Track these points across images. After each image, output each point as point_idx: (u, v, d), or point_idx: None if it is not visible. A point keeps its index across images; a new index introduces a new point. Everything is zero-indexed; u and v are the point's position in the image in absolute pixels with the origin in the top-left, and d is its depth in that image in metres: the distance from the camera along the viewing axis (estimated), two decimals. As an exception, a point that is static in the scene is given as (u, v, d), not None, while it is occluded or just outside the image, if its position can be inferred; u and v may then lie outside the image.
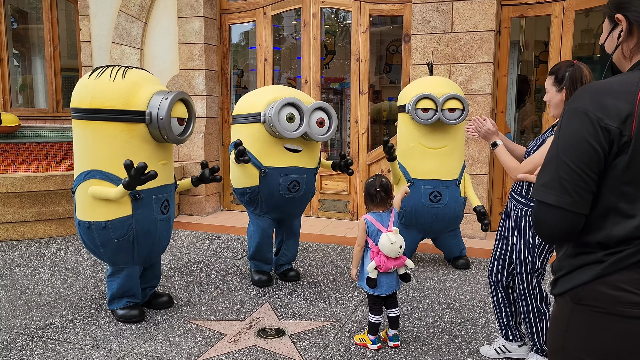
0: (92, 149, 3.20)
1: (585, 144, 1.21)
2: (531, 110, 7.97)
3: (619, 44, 1.32)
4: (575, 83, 2.51)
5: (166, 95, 3.17)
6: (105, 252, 3.33)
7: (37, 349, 3.05)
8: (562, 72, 2.56)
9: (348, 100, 8.33)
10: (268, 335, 3.25)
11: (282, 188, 3.88)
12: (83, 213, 3.29)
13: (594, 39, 7.78)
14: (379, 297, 3.03)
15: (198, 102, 6.59)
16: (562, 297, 1.33)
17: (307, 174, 3.97)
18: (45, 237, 5.49)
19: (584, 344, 1.27)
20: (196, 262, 4.72)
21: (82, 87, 3.22)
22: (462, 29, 5.43)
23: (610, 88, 1.22)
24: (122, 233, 3.25)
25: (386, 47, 8.84)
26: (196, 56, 6.51)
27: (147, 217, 3.32)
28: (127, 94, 3.14)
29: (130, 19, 6.69)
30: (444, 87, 4.26)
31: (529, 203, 2.65)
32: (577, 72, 2.52)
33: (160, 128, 3.17)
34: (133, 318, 3.40)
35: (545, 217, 1.27)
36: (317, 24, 6.29)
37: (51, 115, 7.49)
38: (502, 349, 2.94)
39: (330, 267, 4.61)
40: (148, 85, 3.23)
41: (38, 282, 4.17)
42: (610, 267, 1.22)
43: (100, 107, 3.12)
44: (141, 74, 3.28)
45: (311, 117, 3.81)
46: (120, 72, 3.18)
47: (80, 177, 3.25)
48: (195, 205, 6.68)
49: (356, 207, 6.41)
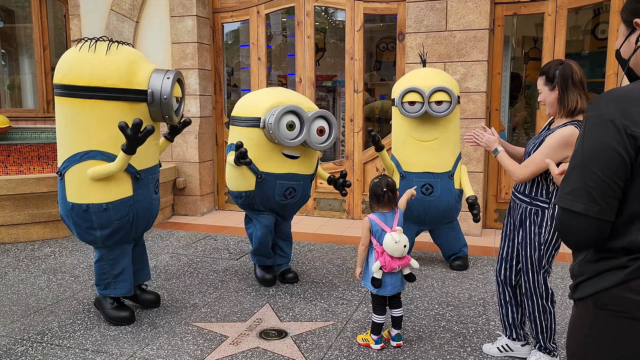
0: (91, 128, 3.05)
1: (612, 152, 1.21)
2: (521, 107, 8.03)
3: (637, 47, 1.33)
4: (566, 80, 2.54)
5: (167, 74, 3.10)
6: (100, 235, 3.23)
7: (37, 354, 3.01)
8: (553, 71, 2.59)
9: (341, 99, 8.34)
10: (270, 336, 3.24)
11: (278, 194, 3.87)
12: (78, 195, 3.15)
13: (583, 35, 7.85)
14: (383, 297, 3.04)
15: (192, 102, 6.55)
16: (583, 301, 1.33)
17: (303, 180, 3.96)
18: (38, 240, 5.43)
19: (606, 350, 1.27)
20: (193, 264, 4.70)
21: (74, 61, 3.02)
22: (457, 28, 5.45)
23: (634, 95, 1.22)
24: (124, 214, 3.21)
25: (376, 44, 8.83)
26: (189, 55, 6.47)
27: (145, 196, 3.30)
28: (127, 72, 3.03)
29: (121, 18, 6.62)
30: (432, 79, 4.19)
31: (532, 202, 2.66)
32: (567, 69, 2.55)
33: (162, 107, 3.10)
34: (124, 320, 3.36)
35: (573, 225, 1.27)
36: (310, 22, 6.27)
37: (42, 116, 7.40)
38: (504, 348, 2.95)
39: (329, 266, 4.61)
40: (143, 63, 3.15)
41: (34, 285, 4.13)
42: (635, 273, 1.22)
43: (101, 85, 2.98)
44: (132, 50, 3.18)
45: (312, 126, 3.76)
46: (114, 47, 3.05)
47: (74, 159, 3.10)
48: (190, 206, 6.64)
49: (352, 206, 6.41)
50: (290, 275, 4.17)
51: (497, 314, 3.54)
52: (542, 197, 2.63)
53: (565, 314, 3.56)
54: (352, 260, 4.78)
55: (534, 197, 2.66)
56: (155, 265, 4.62)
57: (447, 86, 4.14)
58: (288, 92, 3.99)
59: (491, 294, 3.90)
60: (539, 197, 2.65)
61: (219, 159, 6.92)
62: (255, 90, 4.16)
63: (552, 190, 2.62)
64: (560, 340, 3.11)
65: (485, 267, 4.52)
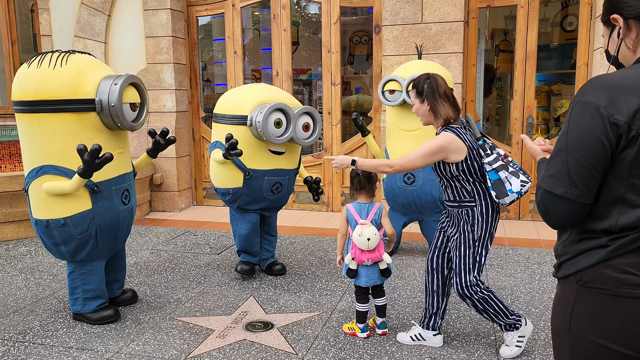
0: (41, 143, 3.02)
1: (595, 140, 1.26)
2: (493, 97, 8.18)
3: (620, 41, 1.38)
4: (434, 92, 2.70)
5: (115, 80, 3.03)
6: (67, 250, 3.19)
7: (20, 354, 2.96)
8: (422, 84, 2.74)
9: (316, 92, 8.35)
10: (256, 328, 3.25)
11: (266, 190, 3.90)
12: (39, 211, 3.14)
13: (551, 27, 8.02)
14: (364, 287, 3.08)
15: (167, 97, 6.47)
16: (566, 279, 1.39)
17: (289, 175, 4.01)
18: (13, 239, 5.31)
19: (589, 325, 1.33)
20: (174, 259, 4.67)
21: (23, 78, 3.02)
22: (432, 20, 5.51)
23: (622, 83, 1.27)
24: (84, 229, 3.14)
25: (349, 37, 8.86)
26: (164, 49, 6.38)
27: (108, 209, 3.20)
28: (72, 82, 2.98)
29: (92, 11, 6.49)
30: (416, 69, 4.24)
31: (460, 205, 2.74)
32: (433, 83, 2.71)
33: (112, 115, 3.04)
34: (109, 318, 3.30)
35: (553, 206, 1.34)
36: (287, 15, 6.25)
37: (11, 112, 7.20)
38: (417, 337, 3.01)
39: (311, 258, 4.63)
40: (94, 71, 3.09)
41: (12, 285, 4.04)
42: (615, 251, 1.29)
43: (45, 98, 2.95)
44: (85, 58, 3.12)
45: (297, 122, 3.83)
46: (61, 58, 3.01)
47: (31, 174, 3.09)
48: (168, 202, 6.57)
49: (331, 199, 6.44)
50: (277, 267, 4.18)
51: (478, 300, 3.63)
52: (466, 198, 2.72)
53: (544, 297, 3.66)
54: (334, 252, 4.82)
55: (460, 201, 2.74)
56: (136, 262, 4.58)
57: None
58: (271, 89, 4.02)
59: (471, 281, 3.99)
60: (463, 199, 2.73)
61: (196, 154, 6.86)
62: (238, 87, 4.16)
63: (471, 190, 2.70)
64: (541, 319, 3.21)
65: (465, 255, 4.61)
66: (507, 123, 6.79)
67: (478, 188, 2.70)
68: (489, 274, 4.15)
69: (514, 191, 2.57)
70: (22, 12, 7.80)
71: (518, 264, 4.37)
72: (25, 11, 7.79)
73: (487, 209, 2.70)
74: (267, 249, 4.22)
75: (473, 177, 2.69)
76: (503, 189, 2.59)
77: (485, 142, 2.69)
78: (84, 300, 3.30)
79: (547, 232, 5.33)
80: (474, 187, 2.69)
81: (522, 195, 2.61)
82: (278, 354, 2.92)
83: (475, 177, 2.69)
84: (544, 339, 3.06)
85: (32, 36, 7.79)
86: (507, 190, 2.58)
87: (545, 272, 4.17)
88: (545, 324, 3.24)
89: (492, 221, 2.72)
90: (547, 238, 5.14)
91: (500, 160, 2.62)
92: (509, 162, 2.63)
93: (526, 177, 2.60)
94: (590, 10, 5.38)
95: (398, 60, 5.65)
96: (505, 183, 2.58)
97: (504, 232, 5.39)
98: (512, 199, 2.59)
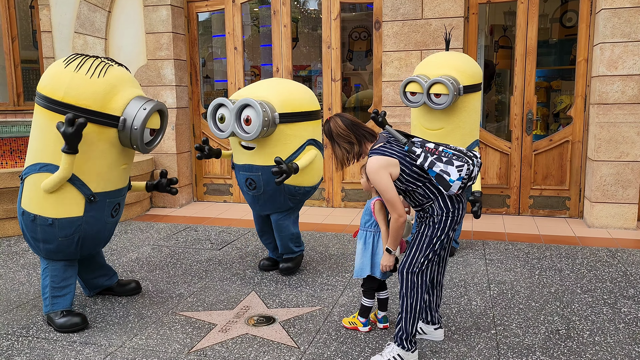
0: (55, 143, 3.00)
1: None
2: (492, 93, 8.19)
3: None
4: (330, 136, 2.81)
5: (144, 105, 3.03)
6: (44, 248, 3.17)
7: (23, 348, 2.98)
8: (324, 131, 2.87)
9: (316, 88, 8.36)
10: (258, 323, 3.27)
11: (242, 184, 3.93)
12: (30, 204, 3.12)
13: (550, 23, 8.03)
14: (375, 281, 3.10)
15: (168, 93, 6.48)
16: None
17: (261, 171, 3.81)
18: (14, 235, 5.32)
19: None
20: (176, 255, 4.68)
21: (56, 76, 2.99)
22: (432, 16, 5.52)
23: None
24: (69, 233, 3.13)
25: (349, 33, 8.86)
26: (164, 45, 6.39)
27: (97, 220, 3.21)
28: (104, 96, 2.98)
29: (93, 7, 6.49)
30: (441, 67, 4.15)
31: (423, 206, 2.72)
32: (327, 127, 2.83)
33: (132, 137, 3.06)
34: (75, 326, 3.17)
35: None
36: (287, 11, 6.26)
37: (12, 109, 7.22)
38: (418, 331, 3.01)
39: (312, 253, 4.65)
40: (127, 88, 3.09)
41: (14, 281, 4.06)
42: None
43: (73, 104, 2.93)
44: (120, 73, 3.10)
45: (241, 116, 3.64)
46: (100, 69, 3.00)
47: (34, 167, 3.08)
48: (168, 198, 6.59)
49: (331, 194, 6.46)
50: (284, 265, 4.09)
51: (478, 295, 3.65)
52: (424, 200, 2.70)
53: (543, 292, 3.69)
54: (335, 247, 4.84)
55: (422, 204, 2.73)
56: (138, 257, 4.60)
57: (451, 77, 4.06)
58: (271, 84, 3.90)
59: (471, 276, 4.01)
60: (422, 201, 2.71)
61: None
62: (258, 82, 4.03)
63: (424, 192, 2.68)
64: (541, 313, 3.23)
65: (465, 250, 4.63)
66: (506, 119, 6.80)
67: (430, 188, 2.68)
68: (489, 268, 4.17)
69: (454, 180, 2.57)
70: (21, 8, 7.80)
71: (518, 259, 4.39)
72: (25, 7, 7.79)
73: (445, 202, 2.68)
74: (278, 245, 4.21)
75: (420, 181, 2.68)
76: (445, 182, 2.59)
77: (414, 143, 2.67)
78: (52, 299, 3.22)
79: (547, 227, 5.36)
80: (425, 189, 2.69)
81: (467, 178, 2.59)
82: (280, 347, 2.95)
83: (422, 179, 2.68)
84: (544, 332, 3.09)
85: (31, 32, 7.80)
86: (448, 181, 2.58)
87: (545, 266, 4.20)
88: (545, 318, 3.27)
89: (454, 211, 2.68)
90: (547, 233, 5.16)
91: (431, 155, 2.62)
92: (441, 153, 2.62)
93: (461, 161, 2.58)
94: (590, 6, 5.39)
95: (398, 56, 5.66)
96: (443, 175, 2.58)
97: (503, 227, 5.42)
98: (458, 186, 2.58)
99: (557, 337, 3.03)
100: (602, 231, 5.23)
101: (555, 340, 3.00)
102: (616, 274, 4.03)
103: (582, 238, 5.01)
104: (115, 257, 4.59)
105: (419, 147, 2.66)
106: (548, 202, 5.82)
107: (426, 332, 3.03)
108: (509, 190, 5.89)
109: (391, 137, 2.76)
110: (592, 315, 3.31)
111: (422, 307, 2.74)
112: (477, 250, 4.64)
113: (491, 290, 3.73)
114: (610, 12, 5.07)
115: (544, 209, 5.83)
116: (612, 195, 5.22)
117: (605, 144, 5.18)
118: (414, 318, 2.72)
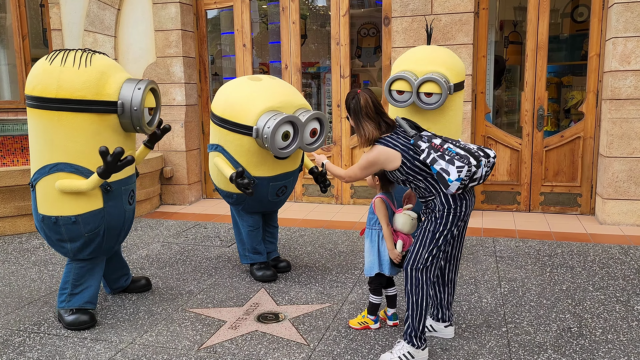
0: (60, 140, 3.00)
1: None
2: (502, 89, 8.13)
3: None
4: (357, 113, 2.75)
5: (138, 85, 3.05)
6: (71, 247, 3.18)
7: (35, 344, 3.00)
8: (347, 103, 2.81)
9: (325, 85, 8.34)
10: (268, 320, 3.27)
11: (271, 194, 3.84)
12: (48, 207, 3.12)
13: (561, 19, 7.95)
14: (383, 278, 3.08)
15: (177, 90, 6.49)
16: None
17: (293, 176, 3.92)
18: (25, 232, 5.37)
19: None
20: (185, 252, 4.70)
21: (44, 74, 2.98)
22: (442, 11, 5.48)
23: None
24: (94, 227, 3.15)
25: (357, 30, 8.83)
26: (173, 43, 6.40)
27: (117, 209, 3.23)
28: (96, 83, 2.98)
29: (102, 5, 6.51)
30: (429, 63, 3.72)
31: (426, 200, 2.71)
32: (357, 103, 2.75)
33: (133, 119, 3.07)
34: (84, 324, 3.18)
35: None
36: (296, 8, 6.24)
37: (23, 107, 7.26)
38: (428, 328, 3.00)
39: (321, 250, 4.64)
40: (115, 73, 3.10)
41: (25, 278, 4.09)
42: None
43: (69, 97, 2.93)
44: (106, 60, 3.12)
45: (305, 130, 3.63)
46: (84, 58, 3.01)
47: (43, 170, 3.08)
48: (178, 195, 6.61)
49: (340, 191, 6.45)
50: (283, 264, 4.13)
51: (489, 292, 3.63)
52: (426, 194, 2.68)
53: (555, 289, 3.66)
54: (344, 244, 4.83)
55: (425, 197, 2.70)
56: (147, 254, 4.61)
57: (442, 74, 3.67)
58: (276, 87, 3.76)
59: (482, 273, 3.99)
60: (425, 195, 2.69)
61: (205, 147, 6.88)
62: (238, 80, 3.85)
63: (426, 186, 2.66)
64: (552, 310, 3.20)
65: (475, 248, 4.60)
66: (517, 115, 6.75)
67: (432, 183, 2.65)
68: (499, 265, 4.14)
69: (452, 180, 2.51)
70: (32, 7, 7.84)
71: (529, 256, 4.36)
72: (35, 6, 7.83)
73: (447, 198, 2.64)
74: (270, 240, 4.19)
75: (422, 175, 2.65)
76: (444, 180, 2.54)
77: (421, 137, 2.64)
78: (69, 297, 3.23)
79: (558, 224, 5.31)
80: (427, 184, 2.66)
81: (467, 179, 2.53)
82: (290, 344, 2.95)
83: (424, 174, 2.65)
84: (555, 330, 3.06)
85: (42, 31, 7.84)
86: (447, 180, 2.52)
87: (557, 263, 4.16)
88: (556, 316, 3.24)
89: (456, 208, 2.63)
90: (558, 230, 5.12)
91: (435, 151, 2.57)
92: (445, 151, 2.57)
93: (462, 162, 2.52)
94: (602, 0, 5.32)
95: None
96: (443, 174, 2.53)
97: (514, 224, 5.38)
98: (456, 187, 2.52)
99: (569, 335, 3.00)
100: (614, 228, 5.17)
101: (567, 338, 2.97)
102: (629, 271, 3.99)
103: (593, 235, 4.96)
104: (125, 254, 4.61)
105: (425, 142, 2.62)
106: (559, 198, 5.76)
107: (436, 329, 3.01)
108: (519, 187, 5.84)
109: (400, 128, 2.75)
110: (605, 313, 3.28)
111: (429, 304, 2.72)
112: (488, 248, 4.61)
113: (502, 288, 3.71)
114: (623, 6, 5.01)
115: (555, 205, 5.78)
116: (625, 191, 5.16)
117: (617, 139, 5.12)
118: (421, 315, 2.70)
